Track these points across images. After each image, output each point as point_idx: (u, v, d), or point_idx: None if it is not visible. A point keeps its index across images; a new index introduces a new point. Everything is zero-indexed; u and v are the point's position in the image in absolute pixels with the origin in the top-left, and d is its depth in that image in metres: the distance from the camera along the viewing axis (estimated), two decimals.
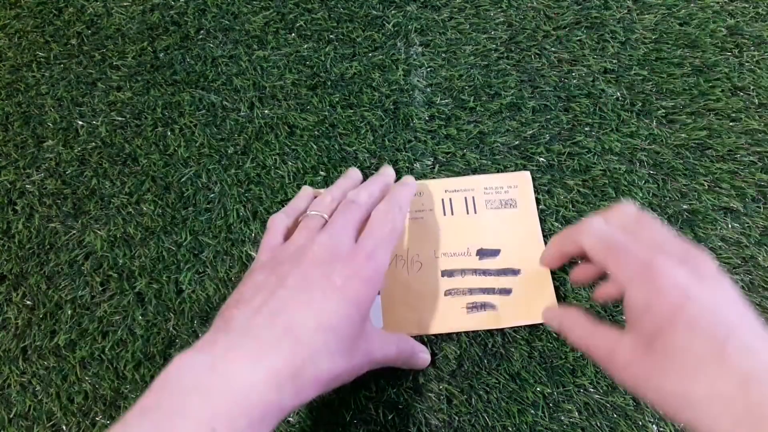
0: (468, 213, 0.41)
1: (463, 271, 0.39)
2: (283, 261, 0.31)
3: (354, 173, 0.40)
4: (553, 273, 0.40)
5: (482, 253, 0.40)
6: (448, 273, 0.39)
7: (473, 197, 0.42)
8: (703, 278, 0.27)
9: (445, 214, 0.41)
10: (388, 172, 0.39)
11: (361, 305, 0.30)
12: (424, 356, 0.37)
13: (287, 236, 0.34)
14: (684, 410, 0.25)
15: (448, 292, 0.39)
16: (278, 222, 0.35)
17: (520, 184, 0.42)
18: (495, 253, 0.40)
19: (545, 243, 0.40)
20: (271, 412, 0.26)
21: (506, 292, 0.39)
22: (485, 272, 0.39)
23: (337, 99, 0.46)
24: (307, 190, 0.39)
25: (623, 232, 0.31)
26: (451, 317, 0.38)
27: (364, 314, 0.31)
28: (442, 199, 0.42)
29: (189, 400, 0.24)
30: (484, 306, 0.39)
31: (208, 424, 0.24)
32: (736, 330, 0.25)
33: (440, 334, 0.39)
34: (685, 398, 0.25)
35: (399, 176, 0.43)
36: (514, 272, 0.39)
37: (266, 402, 0.26)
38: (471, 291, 0.39)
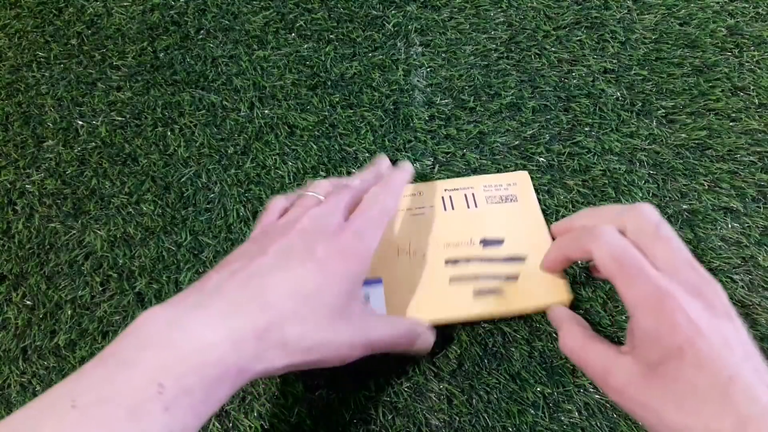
0: (469, 207, 0.41)
1: (467, 260, 0.39)
2: (271, 233, 0.31)
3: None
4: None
5: (486, 242, 0.39)
6: (452, 261, 0.39)
7: (473, 194, 0.41)
8: (716, 314, 0.27)
9: (445, 210, 0.41)
10: (381, 160, 0.39)
11: (343, 280, 0.29)
12: (427, 336, 0.35)
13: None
14: None
15: (453, 279, 0.38)
16: (277, 203, 0.35)
17: (519, 182, 0.42)
18: (499, 242, 0.39)
19: (549, 231, 0.40)
20: (229, 373, 0.25)
21: (513, 278, 0.38)
22: (491, 260, 0.39)
23: (337, 99, 0.46)
24: (310, 182, 0.39)
25: (637, 248, 0.29)
26: (458, 303, 0.37)
27: (347, 290, 0.30)
28: (442, 197, 0.42)
29: (143, 353, 0.24)
30: (491, 292, 0.38)
31: (156, 377, 0.23)
32: (741, 371, 0.25)
33: (441, 329, 0.39)
34: (683, 430, 0.25)
35: None
36: (521, 259, 0.39)
37: (223, 362, 0.25)
38: (477, 277, 0.38)
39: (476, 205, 0.41)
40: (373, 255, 0.32)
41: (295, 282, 0.28)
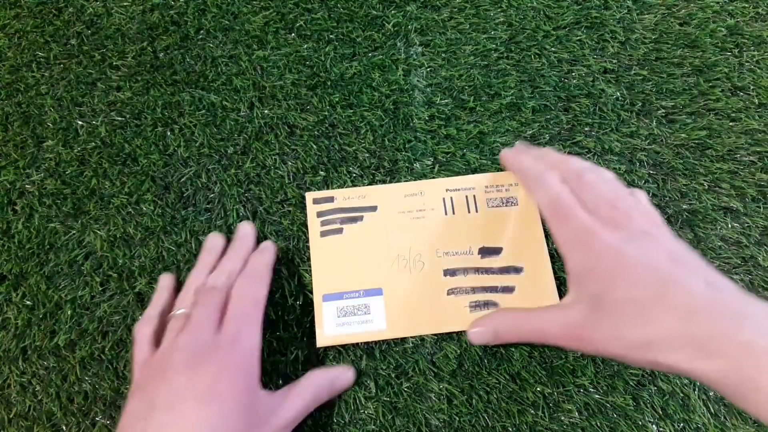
0: (469, 212, 0.41)
1: (465, 270, 0.40)
2: (151, 377, 0.31)
3: (213, 242, 0.40)
4: (555, 271, 0.40)
5: (484, 252, 0.40)
6: (451, 272, 0.40)
7: (474, 195, 0.42)
8: (633, 237, 0.30)
9: (446, 214, 0.41)
10: (245, 233, 0.40)
11: (237, 397, 0.30)
12: (345, 377, 0.37)
13: (158, 339, 0.34)
14: (645, 354, 0.27)
15: (450, 292, 0.39)
16: (142, 331, 0.34)
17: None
18: (497, 251, 0.40)
19: (547, 241, 0.40)
20: None
21: (509, 290, 0.39)
22: (488, 270, 0.40)
23: (337, 99, 0.46)
24: (164, 280, 0.39)
25: (570, 194, 0.33)
26: (454, 317, 0.38)
27: (245, 404, 0.30)
28: (443, 198, 0.42)
29: None
30: (486, 305, 0.39)
31: None
32: (674, 275, 0.28)
33: (442, 334, 0.39)
34: (645, 343, 0.27)
35: (399, 176, 0.43)
36: (517, 270, 0.39)
37: None
38: (474, 290, 0.39)
39: (477, 210, 0.41)
40: (258, 348, 0.32)
41: (199, 427, 0.28)
